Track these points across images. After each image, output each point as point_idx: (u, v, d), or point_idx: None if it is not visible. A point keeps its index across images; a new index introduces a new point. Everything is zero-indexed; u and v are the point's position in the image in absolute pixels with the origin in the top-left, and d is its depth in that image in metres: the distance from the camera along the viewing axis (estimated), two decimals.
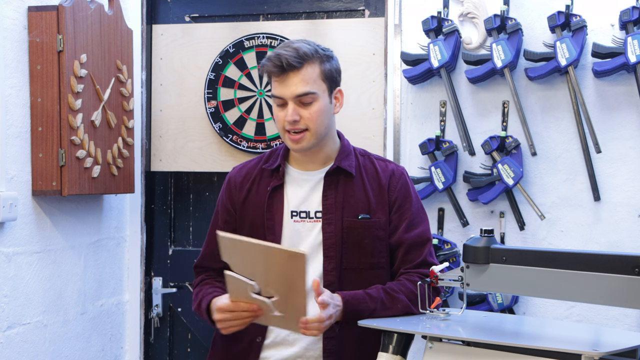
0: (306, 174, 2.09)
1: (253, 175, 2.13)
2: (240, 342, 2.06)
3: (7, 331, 2.41)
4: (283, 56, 1.95)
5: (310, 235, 2.05)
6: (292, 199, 2.08)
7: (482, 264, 1.81)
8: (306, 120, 1.99)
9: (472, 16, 2.78)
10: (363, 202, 2.06)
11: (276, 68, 1.96)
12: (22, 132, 2.47)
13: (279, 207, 2.07)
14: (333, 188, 2.06)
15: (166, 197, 3.22)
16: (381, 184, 2.09)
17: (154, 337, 3.20)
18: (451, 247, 2.72)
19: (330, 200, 2.05)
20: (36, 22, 2.48)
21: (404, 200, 2.10)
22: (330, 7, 3.07)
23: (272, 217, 2.06)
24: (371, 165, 2.13)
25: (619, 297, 1.61)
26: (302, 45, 1.99)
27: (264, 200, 2.08)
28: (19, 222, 2.45)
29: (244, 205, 2.10)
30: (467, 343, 1.74)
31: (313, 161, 2.09)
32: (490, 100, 2.79)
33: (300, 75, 1.96)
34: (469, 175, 2.76)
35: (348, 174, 2.07)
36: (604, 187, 2.68)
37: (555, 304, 2.72)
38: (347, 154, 2.10)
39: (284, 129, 2.01)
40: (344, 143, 2.13)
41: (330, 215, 2.04)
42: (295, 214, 2.07)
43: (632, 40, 2.53)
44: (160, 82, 3.18)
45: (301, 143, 2.01)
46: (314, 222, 2.06)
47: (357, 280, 2.02)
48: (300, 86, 1.96)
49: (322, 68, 2.00)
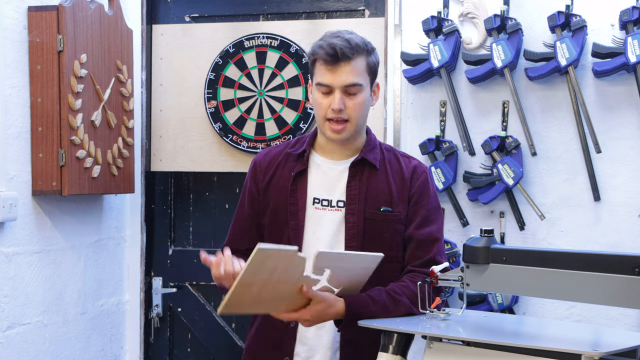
0: (331, 163, 2.13)
1: (278, 160, 2.16)
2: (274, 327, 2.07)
3: (7, 331, 2.41)
4: (337, 45, 1.99)
5: (332, 223, 2.08)
6: (315, 185, 2.11)
7: (482, 264, 1.81)
8: (350, 110, 2.03)
9: (472, 16, 2.78)
10: (385, 194, 2.09)
11: (329, 57, 1.99)
12: (22, 132, 2.47)
13: (302, 193, 2.10)
14: (357, 179, 2.09)
15: (166, 197, 3.22)
16: (404, 177, 2.13)
17: (154, 337, 3.20)
18: (451, 247, 2.73)
19: (354, 191, 2.08)
20: (36, 22, 2.48)
21: (421, 196, 2.13)
22: (330, 7, 3.07)
23: (296, 202, 2.09)
24: (395, 160, 2.16)
25: (619, 297, 1.61)
26: (354, 37, 2.04)
27: (287, 185, 2.11)
28: (19, 222, 2.45)
29: (268, 189, 2.14)
30: (467, 343, 1.74)
31: (341, 151, 2.12)
32: (490, 100, 2.79)
33: (351, 66, 2.01)
34: (469, 175, 2.76)
35: (372, 166, 2.11)
36: (604, 187, 2.68)
37: (555, 304, 2.72)
38: (373, 147, 2.14)
39: (324, 118, 2.05)
40: (370, 137, 2.16)
41: (354, 205, 2.07)
42: (317, 201, 2.10)
43: (632, 40, 2.53)
44: (160, 82, 3.18)
45: (341, 134, 2.05)
46: (335, 210, 2.09)
47: (375, 272, 2.03)
48: (350, 76, 2.01)
49: (368, 61, 2.06)
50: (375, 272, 2.03)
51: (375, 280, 2.03)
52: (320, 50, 2.02)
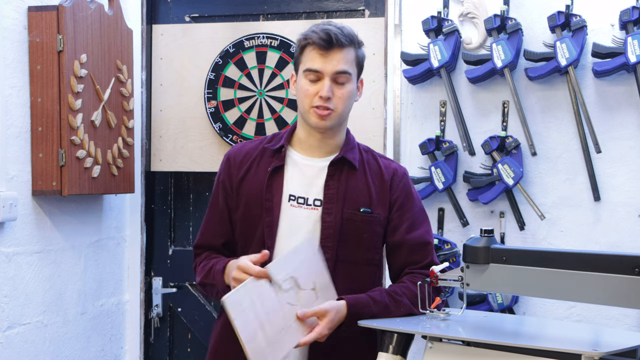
0: (309, 160, 2.08)
1: (254, 155, 2.11)
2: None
3: (7, 331, 2.41)
4: (332, 31, 1.97)
5: (307, 222, 2.03)
6: (292, 182, 2.06)
7: (482, 264, 1.81)
8: (336, 100, 2.00)
9: (472, 16, 2.78)
10: (365, 195, 2.06)
11: (323, 42, 1.97)
12: (22, 132, 2.47)
13: (278, 189, 2.05)
14: (336, 178, 2.05)
15: (166, 197, 3.22)
16: (384, 179, 2.09)
17: (154, 337, 3.20)
18: (451, 247, 2.72)
19: (332, 190, 2.04)
20: (36, 22, 2.48)
21: (406, 199, 2.10)
22: (330, 7, 3.07)
23: (271, 199, 2.04)
24: (374, 161, 2.13)
25: (619, 297, 1.61)
26: (346, 27, 2.02)
27: (263, 180, 2.06)
28: (19, 222, 2.45)
29: (242, 184, 2.08)
30: (467, 343, 1.74)
31: (320, 147, 2.08)
32: (490, 100, 2.79)
33: (343, 53, 1.99)
34: (469, 175, 2.76)
35: (352, 166, 2.07)
36: (604, 187, 2.68)
37: (555, 304, 2.72)
38: (352, 147, 2.11)
39: (310, 105, 2.00)
40: (349, 136, 2.13)
41: (331, 205, 2.03)
42: (293, 199, 2.04)
43: (632, 40, 2.53)
44: (160, 82, 3.18)
45: (326, 120, 2.01)
46: (311, 209, 2.04)
47: (352, 274, 2.02)
48: (342, 63, 1.98)
49: (357, 53, 2.04)
50: (355, 276, 2.01)
51: (355, 284, 2.02)
52: (314, 35, 1.98)
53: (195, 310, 3.17)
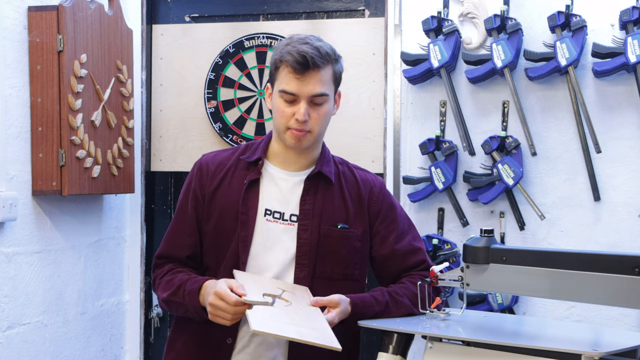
0: (285, 174, 2.03)
1: (228, 165, 2.05)
2: (207, 342, 1.98)
3: (7, 331, 2.41)
4: (308, 54, 1.89)
5: (283, 237, 1.98)
6: (267, 196, 2.01)
7: (482, 264, 1.81)
8: (313, 122, 1.94)
9: (472, 16, 2.78)
10: (341, 210, 2.02)
11: (299, 65, 1.89)
12: (22, 132, 2.47)
13: (253, 203, 1.99)
14: (312, 193, 2.01)
15: (166, 197, 3.22)
16: (361, 194, 2.06)
17: (154, 337, 3.20)
18: (451, 247, 2.72)
19: (308, 206, 1.99)
20: (36, 22, 2.48)
21: (389, 210, 2.08)
22: (330, 7, 3.07)
23: (247, 212, 1.98)
24: (350, 173, 2.09)
25: (619, 297, 1.61)
26: (323, 44, 1.94)
27: (238, 193, 1.99)
28: (19, 222, 2.45)
29: (215, 195, 2.01)
30: (467, 343, 1.74)
31: (296, 162, 2.03)
32: (490, 100, 2.79)
33: (319, 75, 1.92)
34: (469, 175, 2.76)
35: (328, 181, 2.03)
36: (604, 187, 2.68)
37: (555, 304, 2.72)
38: (328, 160, 2.06)
39: (286, 126, 1.95)
40: (325, 149, 2.08)
41: (307, 221, 1.98)
42: (269, 213, 1.99)
43: (632, 40, 2.53)
44: (160, 82, 3.18)
45: (302, 142, 1.95)
46: (287, 224, 1.99)
47: (330, 290, 1.94)
48: (318, 86, 1.92)
49: (334, 69, 1.97)
50: (332, 292, 1.94)
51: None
52: (289, 57, 1.90)
53: None
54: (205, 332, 1.96)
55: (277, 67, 1.95)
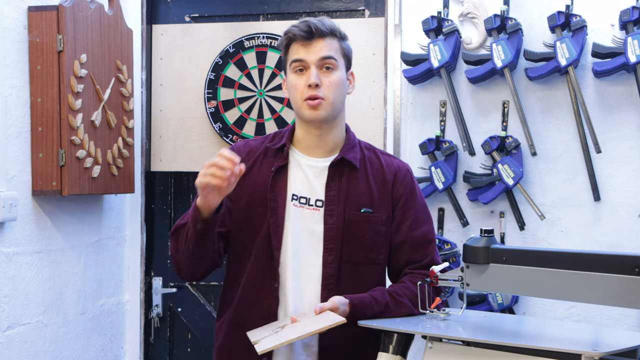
0: (311, 160, 2.08)
1: (257, 153, 2.10)
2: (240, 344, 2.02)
3: (7, 331, 2.41)
4: (311, 22, 2.01)
5: (310, 222, 2.03)
6: (294, 182, 2.06)
7: (482, 264, 1.81)
8: (325, 88, 2.00)
9: (472, 16, 2.78)
10: (366, 195, 2.05)
11: (303, 32, 2.00)
12: (22, 132, 2.47)
13: (282, 189, 2.04)
14: (337, 179, 2.05)
15: (166, 197, 3.22)
16: (385, 179, 2.09)
17: (154, 337, 3.20)
18: (451, 247, 2.72)
19: (333, 192, 2.04)
20: (36, 22, 2.48)
21: (409, 197, 2.09)
22: (330, 7, 3.07)
23: (275, 199, 2.04)
24: (376, 159, 2.12)
25: (619, 297, 1.61)
26: (326, 19, 2.06)
27: (267, 180, 2.05)
28: (19, 222, 2.45)
29: (244, 181, 2.02)
30: (467, 343, 1.74)
31: (319, 146, 2.07)
32: (490, 100, 2.79)
33: (326, 42, 2.02)
34: (469, 175, 2.76)
35: (352, 166, 2.06)
36: (604, 187, 2.68)
37: (555, 304, 2.72)
38: (352, 146, 2.10)
39: (302, 99, 2.01)
40: (349, 135, 2.12)
41: (333, 206, 2.03)
42: (296, 198, 2.04)
43: (632, 40, 2.53)
44: (160, 82, 3.18)
45: (319, 110, 2.00)
46: (313, 209, 2.04)
47: (355, 274, 2.02)
48: (325, 50, 2.01)
49: (341, 44, 2.07)
50: (359, 276, 2.02)
51: (359, 284, 2.02)
52: (294, 29, 2.02)
53: (195, 310, 3.17)
54: (246, 320, 2.01)
55: (287, 46, 2.05)
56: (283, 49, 2.07)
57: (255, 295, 2.02)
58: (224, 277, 2.13)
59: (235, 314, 2.05)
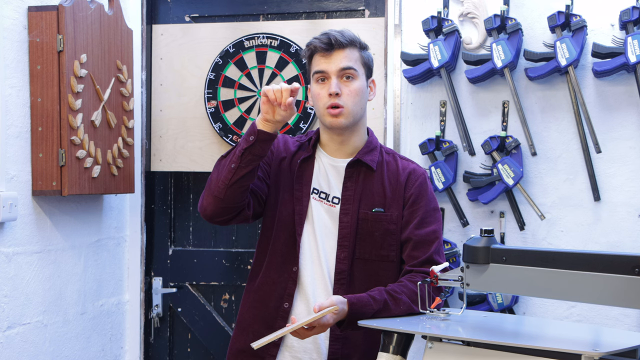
0: (332, 160, 2.21)
1: (292, 149, 2.26)
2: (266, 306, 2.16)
3: (7, 331, 2.41)
4: (331, 35, 2.12)
5: (327, 216, 2.16)
6: (317, 177, 2.20)
7: (482, 264, 1.81)
8: (345, 97, 2.11)
9: (472, 16, 2.78)
10: (380, 195, 2.15)
11: (324, 44, 2.12)
12: (22, 132, 2.47)
13: (307, 180, 2.19)
14: (354, 180, 2.17)
15: (166, 197, 3.22)
16: (399, 180, 2.18)
17: (154, 337, 3.20)
18: (451, 247, 2.73)
19: (349, 192, 2.16)
20: (36, 22, 2.48)
21: (419, 197, 2.16)
22: (330, 7, 3.07)
23: (301, 189, 2.18)
24: (394, 162, 2.22)
25: (619, 297, 1.61)
26: (346, 31, 2.17)
27: (294, 170, 2.20)
28: (19, 222, 2.45)
29: (279, 168, 2.22)
30: (467, 343, 1.74)
31: (339, 149, 2.20)
32: (490, 100, 2.79)
33: (345, 53, 2.13)
34: (469, 175, 2.76)
35: (369, 168, 2.17)
36: (604, 187, 2.68)
37: (555, 304, 2.72)
38: (372, 149, 2.20)
39: (324, 107, 2.12)
40: (370, 139, 2.23)
41: (348, 205, 2.14)
42: (316, 192, 2.19)
43: (632, 40, 2.53)
44: (160, 82, 3.18)
45: (339, 118, 2.11)
46: (329, 205, 2.17)
47: (367, 271, 2.12)
48: (344, 61, 2.12)
49: (361, 54, 2.17)
50: (371, 272, 2.12)
51: (372, 280, 2.10)
52: (316, 41, 2.14)
53: (195, 310, 3.17)
54: (266, 296, 2.15)
55: (309, 57, 2.18)
56: (307, 60, 2.20)
57: (276, 276, 2.15)
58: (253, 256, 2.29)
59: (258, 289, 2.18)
